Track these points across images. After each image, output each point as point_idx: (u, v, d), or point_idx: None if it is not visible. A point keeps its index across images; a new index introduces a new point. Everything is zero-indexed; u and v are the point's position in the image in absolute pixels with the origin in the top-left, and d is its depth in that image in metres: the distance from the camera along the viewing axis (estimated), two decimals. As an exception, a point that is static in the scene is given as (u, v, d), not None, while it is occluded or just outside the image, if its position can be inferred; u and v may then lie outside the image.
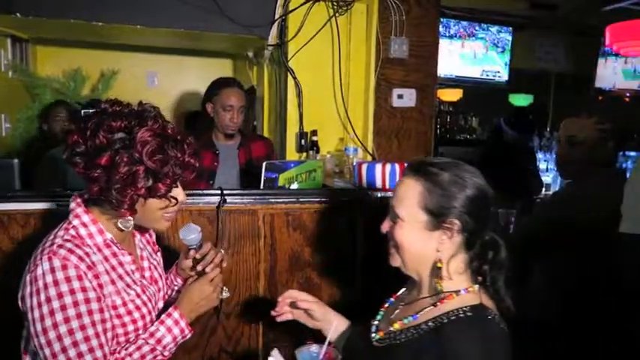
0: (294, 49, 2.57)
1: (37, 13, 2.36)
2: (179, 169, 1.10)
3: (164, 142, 1.07)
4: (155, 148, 1.05)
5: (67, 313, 1.01)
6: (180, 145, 1.11)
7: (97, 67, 3.64)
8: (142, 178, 1.06)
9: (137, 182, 1.05)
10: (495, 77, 4.96)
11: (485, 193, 1.06)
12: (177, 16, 2.48)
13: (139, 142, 1.05)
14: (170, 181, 1.10)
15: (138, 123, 1.07)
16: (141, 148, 1.04)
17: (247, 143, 2.48)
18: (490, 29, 4.86)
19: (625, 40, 3.13)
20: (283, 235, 1.81)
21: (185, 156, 1.11)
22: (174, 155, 1.09)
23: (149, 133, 1.06)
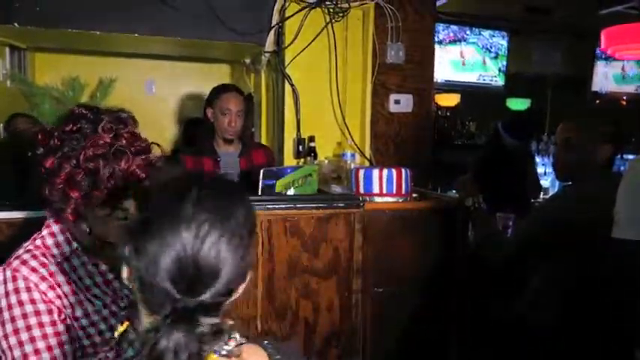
0: (291, 56, 2.59)
1: (36, 23, 2.38)
2: (119, 179, 1.03)
3: (108, 149, 1.02)
4: (94, 155, 1.01)
5: (17, 325, 0.99)
6: (126, 154, 1.04)
7: (96, 75, 3.63)
8: (79, 183, 1.01)
9: (75, 186, 1.01)
10: (492, 82, 4.98)
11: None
12: (174, 24, 2.50)
13: (85, 146, 1.01)
14: (106, 189, 1.02)
15: (92, 128, 1.04)
16: (82, 152, 1.01)
17: (249, 151, 2.48)
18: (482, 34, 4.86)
19: (620, 44, 3.14)
20: (281, 241, 1.81)
21: (130, 166, 1.04)
22: (117, 164, 1.03)
23: (96, 139, 1.02)
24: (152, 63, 3.78)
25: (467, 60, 4.89)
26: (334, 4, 2.57)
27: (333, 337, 1.91)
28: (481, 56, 4.92)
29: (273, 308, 1.83)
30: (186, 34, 2.56)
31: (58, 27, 2.42)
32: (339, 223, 1.87)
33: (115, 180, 1.02)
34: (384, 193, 1.93)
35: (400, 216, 1.95)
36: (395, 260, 1.95)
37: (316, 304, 1.88)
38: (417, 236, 1.97)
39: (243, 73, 3.24)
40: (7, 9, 2.31)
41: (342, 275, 1.90)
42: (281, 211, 1.81)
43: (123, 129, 1.07)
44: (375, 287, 1.94)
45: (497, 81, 5.01)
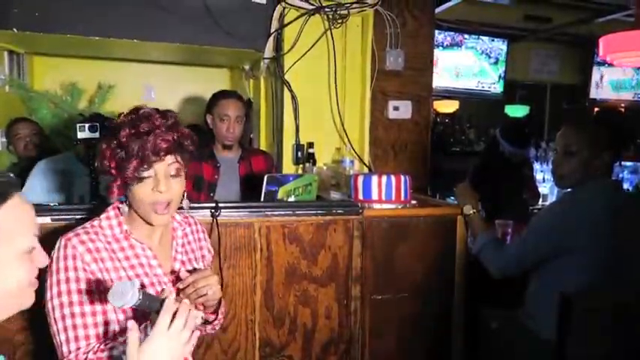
0: (291, 62, 2.59)
1: (34, 28, 2.37)
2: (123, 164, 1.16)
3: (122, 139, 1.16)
4: (111, 145, 1.17)
5: (60, 288, 1.13)
6: (122, 146, 1.16)
7: (95, 80, 3.64)
8: (108, 167, 1.18)
9: (106, 170, 1.18)
10: (490, 89, 4.99)
11: None
12: (173, 30, 2.50)
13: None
14: (120, 173, 1.16)
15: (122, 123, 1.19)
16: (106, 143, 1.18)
17: (248, 157, 2.48)
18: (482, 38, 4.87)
19: (618, 52, 3.15)
20: (280, 247, 1.81)
21: (129, 160, 1.15)
22: (120, 153, 1.16)
23: (116, 132, 1.17)
24: (151, 68, 3.78)
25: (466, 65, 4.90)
26: (333, 11, 2.57)
27: (331, 344, 1.90)
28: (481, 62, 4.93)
29: (272, 315, 1.82)
30: (186, 40, 2.56)
31: (56, 32, 2.41)
32: (337, 230, 1.87)
33: (121, 165, 1.15)
34: (383, 199, 1.92)
35: (399, 223, 1.94)
36: (394, 267, 1.94)
37: (315, 310, 1.87)
38: (416, 243, 1.96)
39: (242, 79, 3.24)
40: (6, 14, 2.30)
41: (340, 282, 1.89)
42: (280, 218, 1.80)
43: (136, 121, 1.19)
44: (373, 294, 1.93)
45: (496, 88, 5.02)
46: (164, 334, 0.94)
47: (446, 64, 4.76)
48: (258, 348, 1.81)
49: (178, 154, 1.22)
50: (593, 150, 1.72)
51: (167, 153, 1.17)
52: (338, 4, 2.57)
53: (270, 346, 1.83)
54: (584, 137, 1.74)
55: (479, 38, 4.84)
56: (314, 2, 2.54)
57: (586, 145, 1.73)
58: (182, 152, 1.23)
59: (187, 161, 1.27)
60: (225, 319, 1.75)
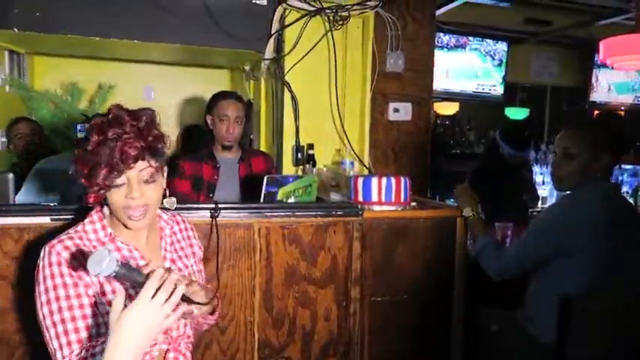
0: (291, 64, 2.59)
1: (35, 28, 2.37)
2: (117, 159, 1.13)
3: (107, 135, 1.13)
4: (81, 152, 1.14)
5: (48, 296, 1.12)
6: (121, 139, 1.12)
7: (95, 80, 3.64)
8: (81, 173, 1.15)
9: (80, 177, 1.16)
10: (491, 91, 4.99)
11: None
12: (173, 30, 2.50)
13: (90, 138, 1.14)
14: (91, 181, 1.13)
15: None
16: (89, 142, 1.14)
17: (248, 158, 2.48)
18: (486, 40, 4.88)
19: (618, 55, 3.15)
20: (279, 248, 1.80)
21: (122, 147, 1.12)
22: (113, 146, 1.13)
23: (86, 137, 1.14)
24: (151, 68, 3.78)
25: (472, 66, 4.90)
26: (334, 12, 2.57)
27: (330, 345, 1.90)
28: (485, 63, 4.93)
29: (271, 316, 1.82)
30: (186, 41, 2.56)
31: (57, 32, 2.41)
32: (337, 232, 1.87)
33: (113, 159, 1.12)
34: (383, 201, 1.92)
35: (399, 224, 1.94)
36: (393, 269, 1.94)
37: (314, 312, 1.86)
38: (415, 245, 1.96)
39: (242, 80, 3.24)
40: (7, 14, 2.30)
41: (340, 283, 1.89)
42: (279, 219, 1.80)
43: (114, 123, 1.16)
44: (373, 296, 1.93)
45: (496, 90, 5.02)
46: (147, 303, 0.95)
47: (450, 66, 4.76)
48: (257, 349, 1.81)
49: (152, 159, 1.17)
50: (593, 152, 1.72)
51: (137, 160, 1.13)
52: (339, 5, 2.57)
53: (269, 348, 1.82)
54: (583, 140, 1.74)
55: (483, 40, 4.84)
56: (315, 4, 2.55)
57: (585, 147, 1.73)
58: (155, 156, 1.18)
59: (163, 162, 1.23)
60: (224, 320, 1.75)
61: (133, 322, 0.94)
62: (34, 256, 1.17)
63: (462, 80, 4.87)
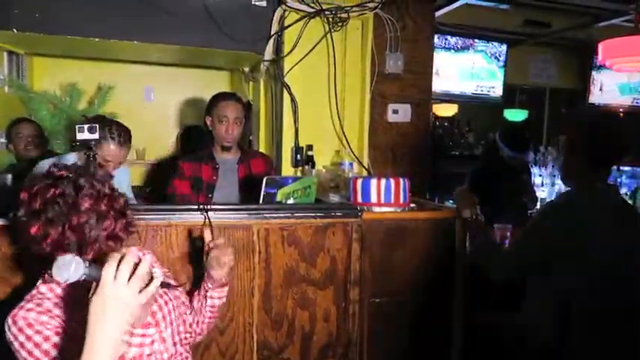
0: (290, 65, 2.59)
1: (34, 29, 2.37)
2: (103, 242, 1.13)
3: (91, 215, 1.12)
4: (78, 223, 1.10)
5: (34, 354, 1.06)
6: (108, 219, 1.13)
7: (95, 81, 3.64)
8: (66, 246, 1.10)
9: (63, 250, 1.09)
10: (490, 92, 5.00)
11: None
12: (173, 31, 2.50)
13: (68, 214, 1.10)
14: (92, 252, 1.12)
15: (73, 192, 1.11)
16: (68, 221, 1.09)
17: (247, 159, 2.48)
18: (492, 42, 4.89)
19: (617, 57, 3.16)
20: (278, 250, 1.80)
21: (114, 229, 1.14)
22: (100, 229, 1.12)
23: (79, 205, 1.11)
24: (151, 70, 3.78)
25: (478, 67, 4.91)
26: (333, 14, 2.58)
27: (329, 347, 1.89)
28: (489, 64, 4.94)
29: (270, 318, 1.81)
30: (185, 42, 2.57)
31: (56, 33, 2.42)
32: (336, 233, 1.86)
33: (99, 243, 1.12)
34: (382, 202, 1.92)
35: (398, 226, 1.94)
36: (392, 270, 1.94)
37: (313, 313, 1.86)
38: (414, 246, 1.96)
39: (242, 81, 3.25)
40: (6, 14, 2.30)
41: (339, 285, 1.88)
42: (278, 220, 1.80)
43: (102, 190, 1.15)
44: (372, 297, 1.92)
45: (495, 92, 5.02)
46: (110, 284, 0.89)
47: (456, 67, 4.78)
48: (256, 351, 1.80)
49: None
50: (568, 153, 1.74)
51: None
52: (338, 7, 2.58)
53: (268, 349, 1.82)
54: (564, 139, 1.76)
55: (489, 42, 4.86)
56: (314, 5, 2.55)
57: (563, 147, 1.74)
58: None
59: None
60: (223, 321, 1.75)
61: (101, 307, 0.88)
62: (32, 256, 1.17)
63: (464, 81, 4.88)
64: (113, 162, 2.21)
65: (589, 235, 1.63)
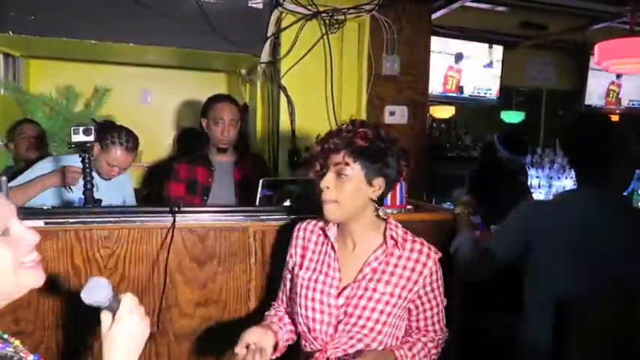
0: (287, 67, 2.60)
1: (30, 31, 2.37)
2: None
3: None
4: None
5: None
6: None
7: (91, 83, 3.63)
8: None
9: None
10: (487, 95, 5.00)
11: None
12: (170, 34, 2.50)
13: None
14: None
15: None
16: None
17: (243, 161, 2.47)
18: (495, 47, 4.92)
19: (614, 58, 3.17)
20: (275, 252, 1.79)
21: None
22: None
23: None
24: (148, 72, 3.77)
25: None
26: (330, 16, 2.58)
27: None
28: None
29: (266, 320, 1.80)
30: (182, 44, 2.56)
31: (52, 35, 2.41)
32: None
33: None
34: (379, 204, 1.91)
35: (395, 228, 1.93)
36: (389, 272, 1.93)
37: (309, 316, 1.85)
38: (411, 248, 1.95)
39: (239, 83, 3.24)
40: (2, 17, 2.30)
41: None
42: (275, 222, 1.79)
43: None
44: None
45: (492, 94, 5.03)
46: (130, 315, 0.97)
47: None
48: (252, 353, 1.79)
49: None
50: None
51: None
52: (335, 9, 2.58)
53: (265, 352, 1.81)
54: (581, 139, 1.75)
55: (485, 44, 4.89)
56: (311, 7, 2.55)
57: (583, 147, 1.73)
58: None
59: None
60: (219, 324, 1.74)
61: (123, 338, 0.96)
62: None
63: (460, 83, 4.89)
64: (118, 167, 2.20)
65: (574, 237, 1.62)
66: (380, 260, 1.37)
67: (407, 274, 1.36)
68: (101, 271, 1.61)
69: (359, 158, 1.29)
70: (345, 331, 1.35)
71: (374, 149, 1.30)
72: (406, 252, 1.38)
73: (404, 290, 1.35)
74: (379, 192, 1.35)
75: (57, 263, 1.56)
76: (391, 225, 1.40)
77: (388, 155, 1.33)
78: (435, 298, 1.40)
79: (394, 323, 1.37)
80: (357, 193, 1.31)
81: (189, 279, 1.70)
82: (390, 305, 1.34)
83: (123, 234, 1.62)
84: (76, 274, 1.58)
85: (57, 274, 1.56)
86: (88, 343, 1.60)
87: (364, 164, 1.30)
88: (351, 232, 1.39)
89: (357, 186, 1.31)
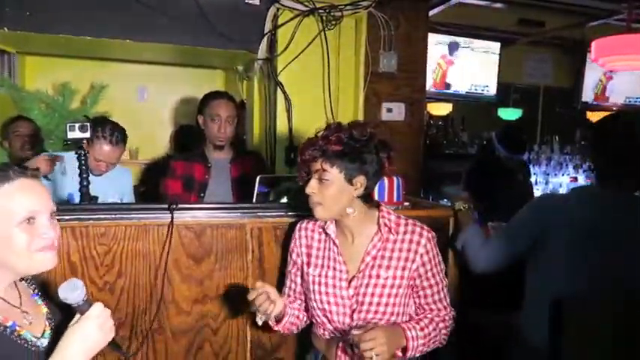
0: (284, 64, 2.59)
1: (26, 27, 2.35)
2: None
3: None
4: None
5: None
6: None
7: (87, 80, 3.62)
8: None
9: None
10: (484, 92, 5.00)
11: None
12: (166, 30, 2.49)
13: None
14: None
15: None
16: None
17: (240, 158, 2.47)
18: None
19: (610, 55, 3.18)
20: (271, 249, 1.79)
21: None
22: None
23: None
24: (144, 69, 3.77)
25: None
26: (327, 12, 2.57)
27: None
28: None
29: (264, 317, 1.80)
30: (178, 41, 2.55)
31: (48, 32, 2.40)
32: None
33: None
34: (376, 201, 1.91)
35: (392, 224, 1.93)
36: (386, 269, 1.93)
37: (307, 313, 1.85)
38: (408, 245, 1.95)
39: (235, 80, 3.24)
40: (-3, 13, 2.29)
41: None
42: (272, 219, 1.79)
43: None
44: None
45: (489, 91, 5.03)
46: (94, 319, 1.06)
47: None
48: (249, 350, 1.80)
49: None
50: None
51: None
52: (332, 5, 2.57)
53: (262, 349, 1.81)
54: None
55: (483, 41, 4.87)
56: (308, 4, 2.54)
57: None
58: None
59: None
60: (216, 321, 1.74)
61: (78, 336, 1.04)
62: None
63: (457, 80, 4.88)
64: (105, 161, 2.20)
65: (572, 234, 1.62)
66: (378, 247, 1.47)
67: (404, 256, 1.46)
68: (98, 268, 1.61)
69: (335, 162, 1.39)
70: (361, 319, 1.45)
71: (348, 151, 1.39)
72: (400, 235, 1.48)
73: (405, 271, 1.45)
74: (361, 189, 1.43)
75: (53, 260, 1.55)
76: (383, 212, 1.50)
77: (364, 153, 1.40)
78: (434, 276, 1.48)
79: (403, 302, 1.47)
80: (340, 194, 1.41)
81: (186, 276, 1.70)
82: (395, 287, 1.45)
83: (120, 231, 1.62)
84: (72, 271, 1.58)
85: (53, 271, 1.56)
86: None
87: (341, 167, 1.39)
88: (347, 226, 1.49)
89: (338, 188, 1.40)
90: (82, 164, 1.77)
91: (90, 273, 1.60)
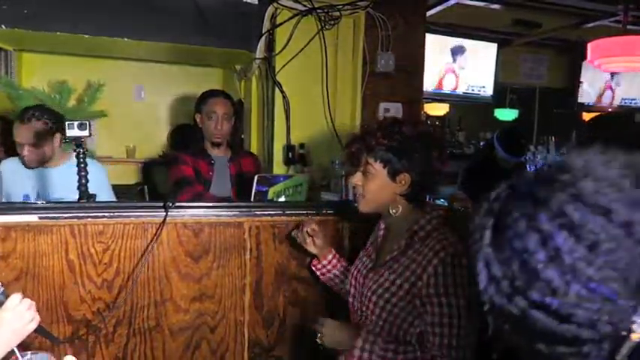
0: (282, 63, 2.59)
1: (23, 25, 2.35)
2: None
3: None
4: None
5: None
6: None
7: (84, 77, 3.60)
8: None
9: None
10: (480, 92, 5.02)
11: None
12: (164, 29, 2.49)
13: None
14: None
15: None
16: None
17: (238, 158, 2.48)
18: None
19: (606, 56, 3.20)
20: (269, 248, 1.80)
21: None
22: None
23: None
24: (142, 67, 3.75)
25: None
26: (325, 12, 2.58)
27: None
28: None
29: (261, 315, 1.81)
30: (176, 40, 2.55)
31: (45, 29, 2.39)
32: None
33: None
34: (374, 200, 1.92)
35: (389, 224, 1.94)
36: (383, 268, 1.94)
37: (304, 311, 1.86)
38: (405, 244, 1.96)
39: (233, 79, 3.23)
40: (-5, 11, 2.28)
41: (330, 283, 1.88)
42: (270, 218, 1.80)
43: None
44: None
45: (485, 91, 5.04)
46: (12, 309, 1.10)
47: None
48: (247, 348, 1.80)
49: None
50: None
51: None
52: (330, 5, 2.58)
53: (259, 347, 1.82)
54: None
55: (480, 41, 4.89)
56: (306, 3, 2.55)
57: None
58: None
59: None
60: (214, 319, 1.75)
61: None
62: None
63: (454, 81, 4.90)
64: (24, 143, 2.11)
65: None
66: (401, 250, 1.41)
67: (413, 267, 1.36)
68: (96, 265, 1.61)
69: (379, 157, 1.38)
70: (360, 309, 1.47)
71: (394, 147, 1.37)
72: (422, 247, 1.36)
73: (406, 282, 1.35)
74: (405, 187, 1.40)
75: (51, 258, 1.56)
76: (424, 219, 1.41)
77: (411, 150, 1.38)
78: (439, 305, 1.29)
79: (395, 313, 1.36)
80: (382, 189, 1.41)
81: (184, 274, 1.70)
82: (388, 293, 1.37)
83: (117, 229, 1.62)
84: (70, 269, 1.58)
85: (51, 269, 1.56)
86: (82, 338, 1.60)
87: (385, 162, 1.38)
88: (388, 222, 1.51)
89: (381, 182, 1.40)
90: (81, 162, 1.76)
91: (88, 271, 1.60)
